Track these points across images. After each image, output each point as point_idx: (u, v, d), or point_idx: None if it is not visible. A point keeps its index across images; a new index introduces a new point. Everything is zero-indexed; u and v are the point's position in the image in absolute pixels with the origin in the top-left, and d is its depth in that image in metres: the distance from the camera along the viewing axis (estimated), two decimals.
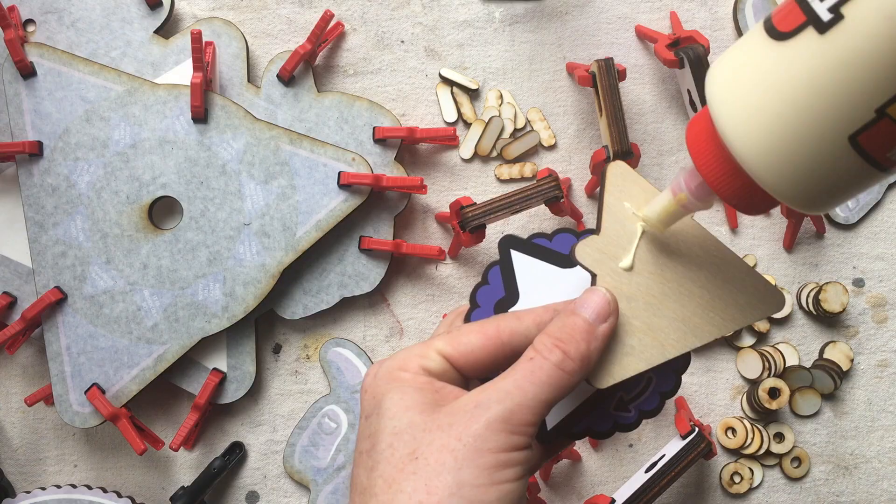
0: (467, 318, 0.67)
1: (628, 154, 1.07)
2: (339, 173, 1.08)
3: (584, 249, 0.65)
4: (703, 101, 1.07)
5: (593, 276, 0.64)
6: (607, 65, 1.07)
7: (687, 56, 1.08)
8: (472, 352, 0.62)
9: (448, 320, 0.72)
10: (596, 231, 0.66)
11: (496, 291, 0.68)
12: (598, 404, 0.68)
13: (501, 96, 1.17)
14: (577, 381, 0.60)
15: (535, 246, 0.69)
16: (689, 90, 1.12)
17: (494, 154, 1.17)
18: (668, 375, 0.68)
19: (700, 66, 1.07)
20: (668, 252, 0.66)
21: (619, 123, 1.07)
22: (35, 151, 1.07)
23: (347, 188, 1.08)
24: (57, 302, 1.07)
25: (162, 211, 1.11)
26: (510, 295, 0.68)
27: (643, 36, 1.17)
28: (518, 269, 0.68)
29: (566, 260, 0.67)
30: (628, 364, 0.63)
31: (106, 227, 1.07)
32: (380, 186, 1.08)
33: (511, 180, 1.16)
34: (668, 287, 0.65)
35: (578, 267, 0.66)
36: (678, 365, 0.67)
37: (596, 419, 0.67)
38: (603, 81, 1.07)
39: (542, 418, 0.59)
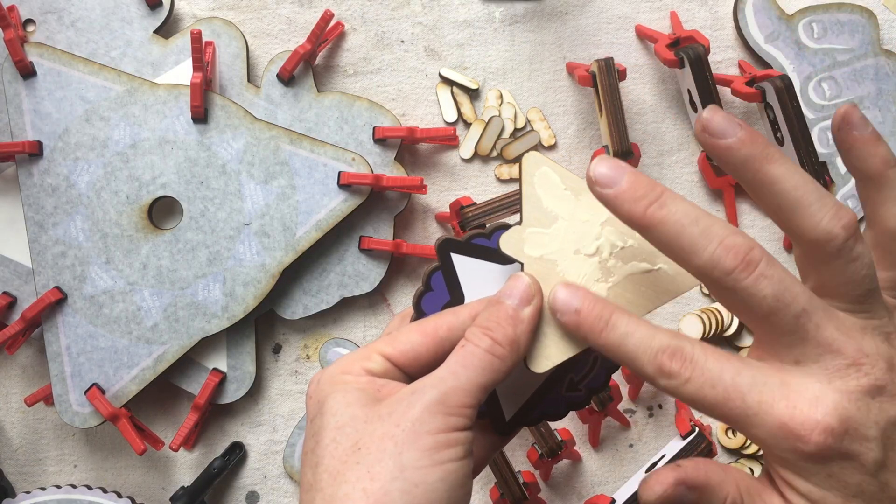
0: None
1: (628, 154, 1.07)
2: (339, 173, 1.08)
3: (509, 240, 0.65)
4: (704, 102, 1.08)
5: (521, 264, 0.65)
6: (607, 64, 1.07)
7: (687, 56, 1.07)
8: (413, 350, 0.63)
9: (393, 324, 0.73)
10: (519, 221, 0.66)
11: (441, 297, 0.68)
12: (550, 389, 0.69)
13: (501, 96, 1.17)
14: (511, 364, 0.61)
15: (474, 246, 0.69)
16: (689, 90, 1.12)
17: (494, 154, 1.17)
18: None
19: (700, 66, 1.07)
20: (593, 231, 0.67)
21: (619, 123, 1.07)
22: (35, 151, 1.07)
23: (347, 188, 1.08)
24: (57, 302, 1.07)
25: (162, 211, 1.11)
26: (455, 298, 0.69)
27: (643, 36, 1.17)
28: (460, 271, 0.68)
29: (506, 256, 0.67)
30: (565, 346, 0.64)
31: (106, 227, 1.07)
32: (380, 186, 1.08)
33: (511, 180, 1.16)
34: (595, 266, 0.65)
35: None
36: None
37: (549, 404, 0.68)
38: (603, 81, 1.07)
39: (479, 402, 0.60)
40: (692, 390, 0.54)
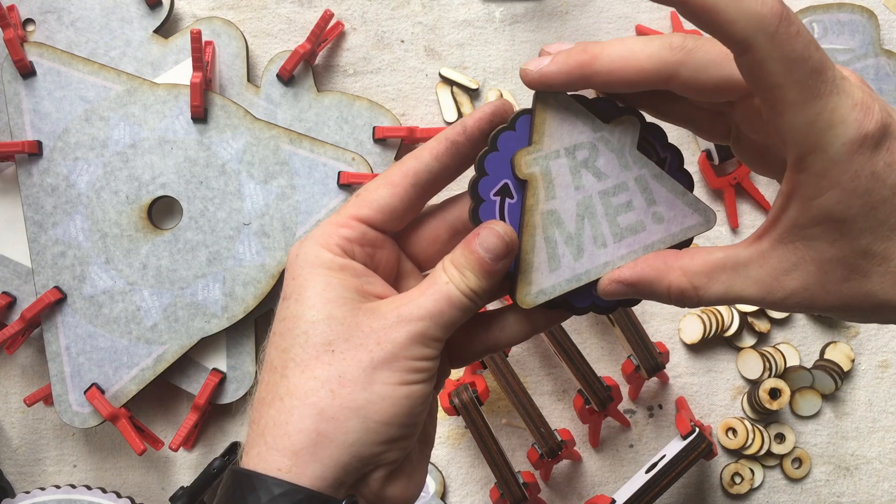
0: (481, 159, 0.65)
1: None
2: (339, 173, 1.08)
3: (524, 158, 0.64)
4: None
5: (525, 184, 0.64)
6: None
7: None
8: (387, 204, 0.64)
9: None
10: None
11: (521, 139, 0.66)
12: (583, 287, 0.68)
13: (501, 96, 1.17)
14: (483, 305, 0.63)
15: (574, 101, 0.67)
16: None
17: None
18: None
19: None
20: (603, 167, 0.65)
21: None
22: (34, 151, 1.07)
23: (347, 188, 1.08)
24: (56, 302, 1.07)
25: (161, 211, 1.11)
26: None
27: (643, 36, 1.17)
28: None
29: (608, 113, 0.65)
30: (557, 283, 0.64)
31: (105, 227, 1.07)
32: None
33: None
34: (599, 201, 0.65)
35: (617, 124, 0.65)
36: None
37: (576, 295, 0.67)
38: None
39: (449, 334, 0.62)
40: (801, 46, 0.52)
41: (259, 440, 0.60)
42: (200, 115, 1.07)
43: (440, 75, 1.17)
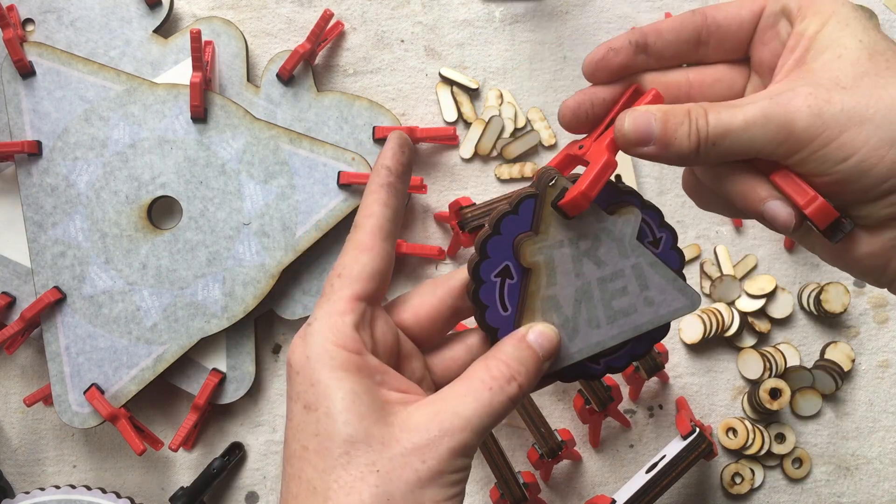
0: (483, 243, 0.66)
1: None
2: (339, 173, 1.08)
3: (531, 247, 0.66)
4: None
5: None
6: None
7: None
8: (373, 270, 0.63)
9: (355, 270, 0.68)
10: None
11: (523, 223, 0.67)
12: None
13: (502, 96, 1.17)
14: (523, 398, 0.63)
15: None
16: None
17: (495, 154, 1.17)
18: (644, 342, 0.69)
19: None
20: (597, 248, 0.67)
21: None
22: (34, 151, 1.07)
23: (347, 188, 1.08)
24: (56, 302, 1.07)
25: (161, 211, 1.11)
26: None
27: None
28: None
29: (611, 197, 0.67)
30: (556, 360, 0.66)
31: (105, 227, 1.07)
32: None
33: (511, 180, 1.16)
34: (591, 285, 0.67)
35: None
36: (657, 335, 0.68)
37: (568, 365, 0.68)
38: None
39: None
40: None
41: None
42: (200, 115, 1.07)
43: (440, 75, 1.17)
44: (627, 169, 1.15)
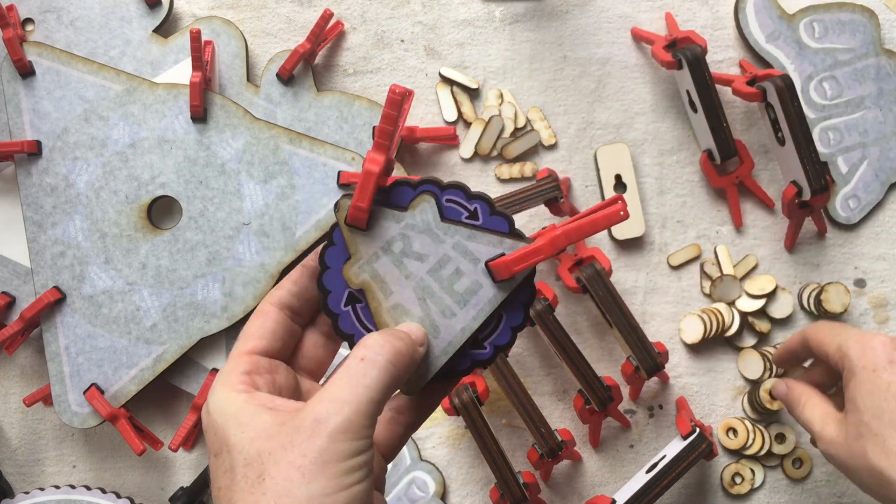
0: (319, 280, 0.68)
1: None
2: (339, 173, 1.08)
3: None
4: (703, 102, 1.07)
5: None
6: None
7: (685, 57, 1.07)
8: (265, 330, 0.67)
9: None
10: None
11: (341, 251, 0.69)
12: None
13: (502, 95, 1.17)
14: (404, 378, 0.63)
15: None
16: (688, 91, 1.11)
17: (494, 153, 1.16)
18: (516, 310, 0.69)
19: (699, 67, 1.07)
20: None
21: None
22: (34, 151, 1.07)
23: (347, 188, 1.08)
24: (56, 302, 1.07)
25: (161, 210, 1.10)
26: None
27: (639, 38, 1.16)
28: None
29: (406, 197, 0.68)
30: (430, 364, 0.68)
31: (105, 227, 1.07)
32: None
33: (511, 180, 1.16)
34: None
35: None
36: (525, 297, 0.69)
37: (455, 360, 0.68)
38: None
39: (377, 417, 0.60)
40: None
41: None
42: (200, 115, 1.07)
43: (440, 75, 1.17)
44: (627, 169, 1.15)
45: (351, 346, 0.66)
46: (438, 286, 0.67)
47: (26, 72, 1.08)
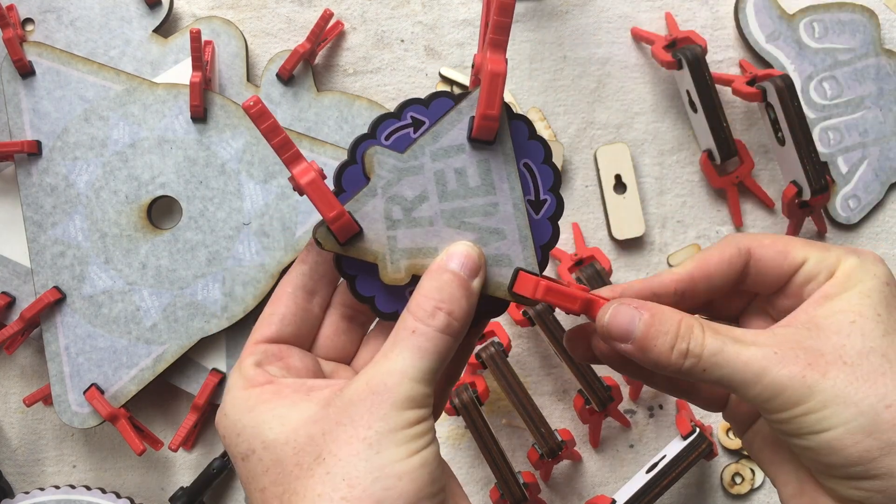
0: (348, 277, 0.65)
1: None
2: None
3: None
4: (703, 103, 1.07)
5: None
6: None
7: (685, 57, 1.07)
8: (277, 316, 0.65)
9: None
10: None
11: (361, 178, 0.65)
12: None
13: None
14: (461, 339, 0.61)
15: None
16: (688, 91, 1.12)
17: None
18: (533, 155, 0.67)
19: (699, 67, 1.07)
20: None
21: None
22: (34, 151, 1.07)
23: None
24: (56, 302, 1.07)
25: (161, 210, 1.11)
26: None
27: (639, 38, 1.16)
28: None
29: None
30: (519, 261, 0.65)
31: (105, 227, 1.07)
32: None
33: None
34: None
35: None
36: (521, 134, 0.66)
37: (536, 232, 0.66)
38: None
39: (436, 380, 0.60)
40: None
41: None
42: (200, 115, 1.07)
43: (440, 75, 1.17)
44: (627, 169, 1.15)
45: (376, 311, 0.65)
46: (460, 201, 0.64)
47: (26, 72, 1.08)
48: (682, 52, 1.08)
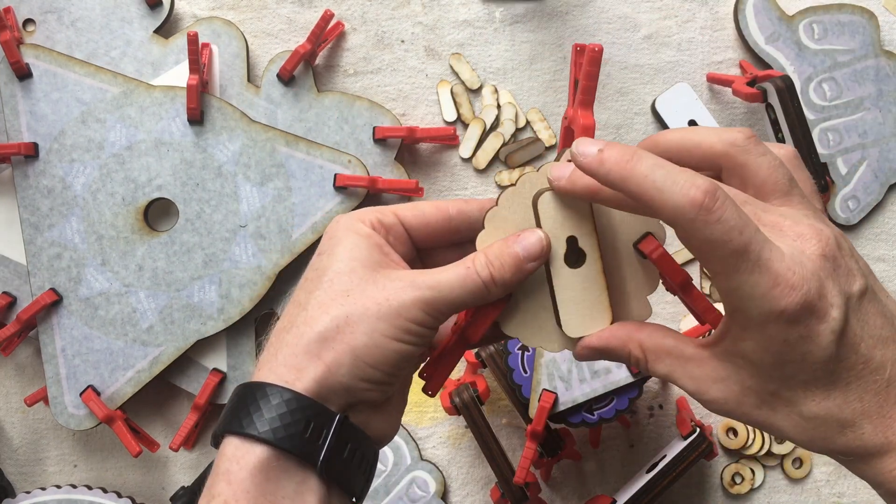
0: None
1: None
2: (336, 175, 1.08)
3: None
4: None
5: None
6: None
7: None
8: (424, 217, 0.73)
9: None
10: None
11: None
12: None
13: (497, 92, 1.17)
14: (493, 299, 0.69)
15: None
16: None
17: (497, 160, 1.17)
18: (623, 398, 0.80)
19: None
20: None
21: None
22: (31, 153, 1.07)
23: (343, 190, 1.08)
24: (52, 304, 1.07)
25: (157, 213, 1.11)
26: None
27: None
28: None
29: None
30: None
31: (101, 229, 1.07)
32: (375, 189, 1.09)
33: (512, 185, 1.16)
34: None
35: None
36: (633, 393, 0.74)
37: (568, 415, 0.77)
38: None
39: (453, 314, 0.69)
40: (720, 231, 0.58)
41: (272, 359, 0.67)
42: (197, 118, 1.07)
43: (450, 65, 1.17)
44: None
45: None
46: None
47: (23, 74, 1.08)
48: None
